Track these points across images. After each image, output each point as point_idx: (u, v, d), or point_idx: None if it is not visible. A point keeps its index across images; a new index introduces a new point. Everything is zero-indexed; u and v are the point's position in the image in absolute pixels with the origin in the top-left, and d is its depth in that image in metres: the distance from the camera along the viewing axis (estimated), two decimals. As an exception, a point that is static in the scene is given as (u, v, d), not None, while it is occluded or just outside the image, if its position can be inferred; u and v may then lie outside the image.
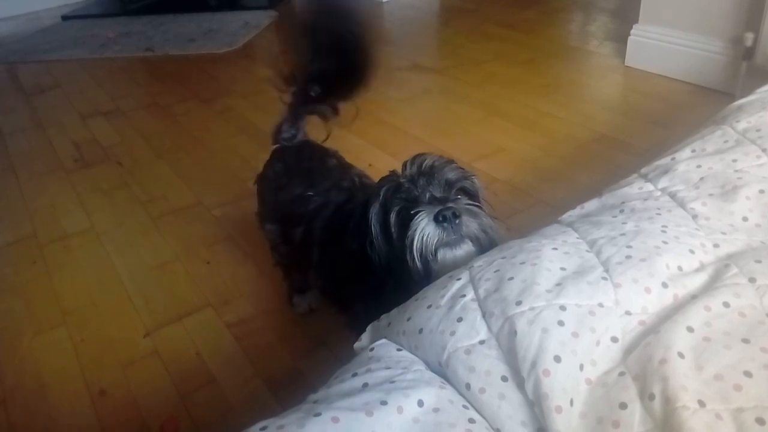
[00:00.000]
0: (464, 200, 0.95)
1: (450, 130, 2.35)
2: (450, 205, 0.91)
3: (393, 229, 0.94)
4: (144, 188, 2.13)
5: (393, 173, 1.00)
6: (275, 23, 3.95)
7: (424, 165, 0.96)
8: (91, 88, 3.14)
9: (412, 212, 0.91)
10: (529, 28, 3.44)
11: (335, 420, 0.56)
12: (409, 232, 0.90)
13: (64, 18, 4.42)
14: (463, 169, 0.99)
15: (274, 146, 1.41)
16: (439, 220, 0.89)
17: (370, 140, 2.28)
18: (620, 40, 2.84)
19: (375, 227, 0.96)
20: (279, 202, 1.29)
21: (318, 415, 0.56)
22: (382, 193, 0.96)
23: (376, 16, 1.04)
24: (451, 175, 0.96)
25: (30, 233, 1.93)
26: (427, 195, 0.93)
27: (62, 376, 1.38)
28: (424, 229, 0.89)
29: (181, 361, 1.40)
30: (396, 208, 0.94)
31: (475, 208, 0.94)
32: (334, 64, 1.21)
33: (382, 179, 1.00)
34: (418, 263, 0.90)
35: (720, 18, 2.32)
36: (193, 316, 1.52)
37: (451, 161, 0.98)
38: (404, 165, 0.98)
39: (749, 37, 2.18)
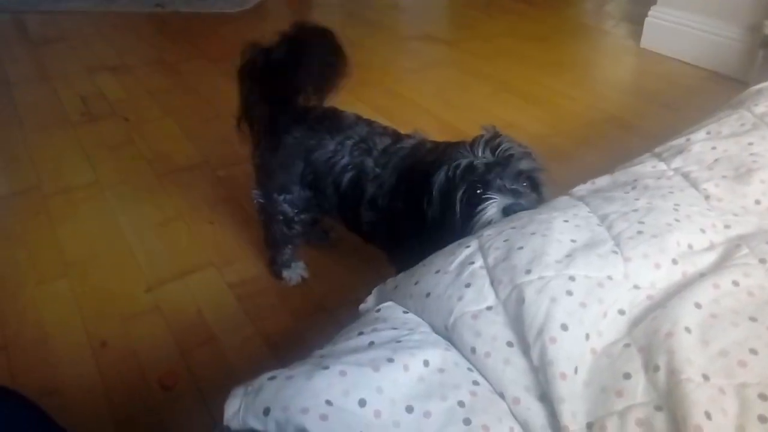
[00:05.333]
0: (533, 196, 0.99)
1: (459, 103, 2.33)
2: (521, 201, 0.96)
3: (458, 205, 0.99)
4: (150, 145, 2.12)
5: (462, 145, 1.02)
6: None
7: (500, 150, 0.98)
8: (98, 41, 3.10)
9: (483, 196, 0.96)
10: (545, 4, 3.39)
11: (343, 373, 0.56)
12: (477, 215, 0.96)
13: (73, -31, 4.33)
14: (535, 160, 1.02)
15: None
16: (507, 213, 0.95)
17: (378, 109, 2.26)
18: (637, 21, 2.80)
19: (436, 192, 1.01)
20: (312, 162, 1.28)
21: (326, 368, 0.57)
22: (452, 167, 0.99)
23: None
24: (525, 166, 0.99)
25: (34, 184, 1.92)
26: (498, 183, 0.97)
27: (63, 326, 1.39)
28: (493, 217, 0.95)
29: (182, 318, 1.41)
30: (464, 186, 0.98)
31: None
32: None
33: (451, 147, 1.04)
34: None
35: (739, 4, 2.28)
36: (195, 274, 1.53)
37: (528, 151, 1.01)
38: (477, 143, 1.00)
39: (768, 24, 2.15)
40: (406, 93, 2.42)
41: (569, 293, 0.66)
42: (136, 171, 1.98)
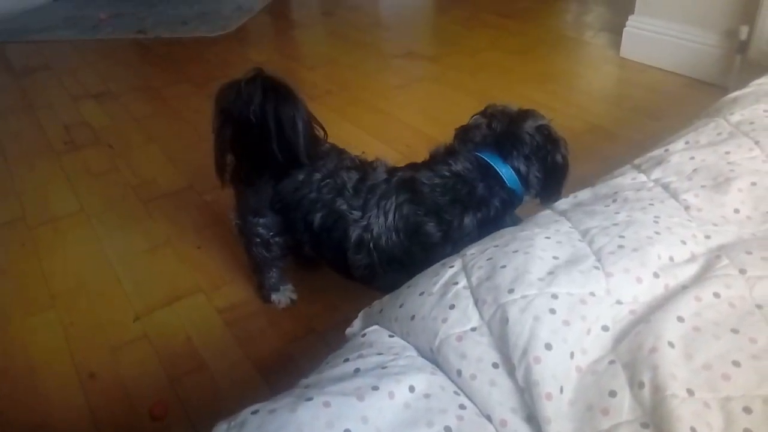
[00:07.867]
0: None
1: (443, 118, 2.34)
2: None
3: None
4: (134, 171, 2.12)
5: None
6: (269, 7, 3.91)
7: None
8: (82, 69, 3.10)
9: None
10: (526, 17, 3.43)
11: (327, 404, 0.56)
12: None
13: (55, -2, 4.35)
14: None
15: None
16: None
17: (364, 127, 2.27)
18: (616, 31, 2.83)
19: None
20: (279, 191, 1.28)
21: (309, 399, 0.56)
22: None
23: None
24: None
25: (19, 215, 1.91)
26: None
27: (51, 358, 1.38)
28: None
29: (171, 346, 1.39)
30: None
31: None
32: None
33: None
34: None
35: (715, 11, 2.32)
36: (183, 301, 1.52)
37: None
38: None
39: (744, 30, 2.18)
40: (391, 110, 2.43)
41: (552, 311, 0.66)
42: (122, 198, 1.97)
